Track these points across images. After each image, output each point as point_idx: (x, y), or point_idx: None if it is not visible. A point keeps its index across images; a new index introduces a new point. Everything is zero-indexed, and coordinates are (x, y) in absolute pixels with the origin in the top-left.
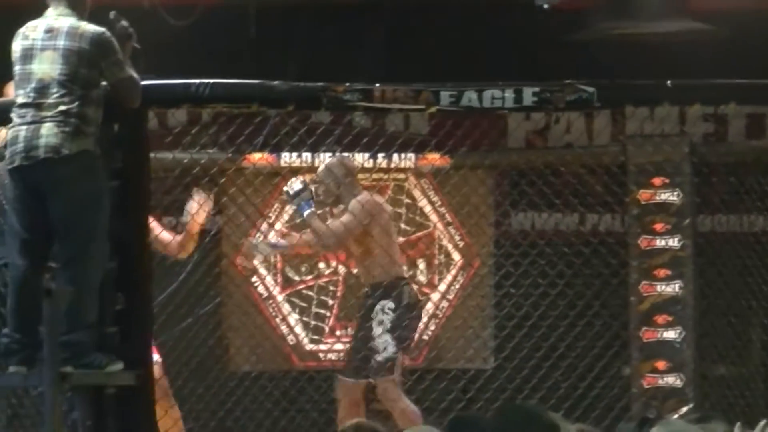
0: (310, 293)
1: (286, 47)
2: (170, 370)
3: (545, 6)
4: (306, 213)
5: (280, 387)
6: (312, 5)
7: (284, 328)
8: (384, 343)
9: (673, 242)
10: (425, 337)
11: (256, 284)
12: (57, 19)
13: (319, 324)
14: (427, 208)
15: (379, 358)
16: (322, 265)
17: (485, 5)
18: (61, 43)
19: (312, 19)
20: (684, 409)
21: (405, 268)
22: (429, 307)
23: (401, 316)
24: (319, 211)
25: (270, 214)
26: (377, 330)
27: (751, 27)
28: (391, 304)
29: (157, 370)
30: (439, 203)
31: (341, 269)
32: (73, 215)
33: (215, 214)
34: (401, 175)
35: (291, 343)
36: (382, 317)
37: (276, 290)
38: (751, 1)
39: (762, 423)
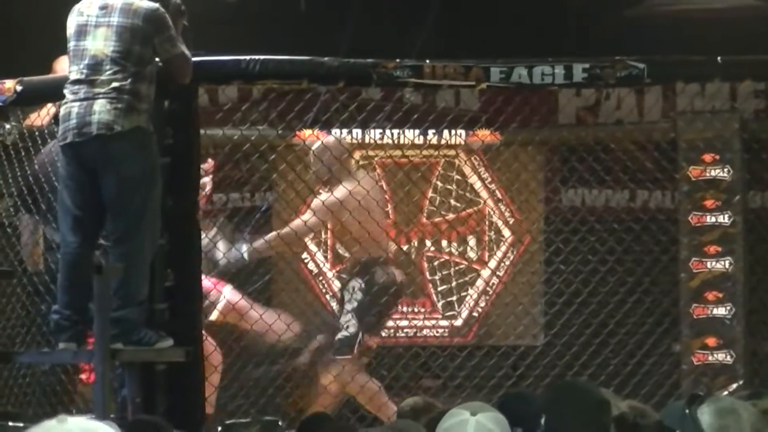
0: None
1: (337, 22)
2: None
3: None
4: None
5: None
6: None
7: (335, 305)
8: (346, 322)
9: (724, 219)
10: (475, 314)
11: (306, 261)
12: None
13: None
14: (478, 185)
15: (339, 336)
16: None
17: None
18: (115, 19)
19: None
20: (734, 386)
21: (388, 247)
22: (479, 283)
23: (369, 296)
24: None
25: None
26: (345, 307)
27: None
28: (361, 284)
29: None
30: (490, 180)
31: (391, 245)
32: (125, 192)
33: (266, 191)
34: (451, 152)
35: None
36: (350, 296)
37: (326, 267)
38: None
39: None
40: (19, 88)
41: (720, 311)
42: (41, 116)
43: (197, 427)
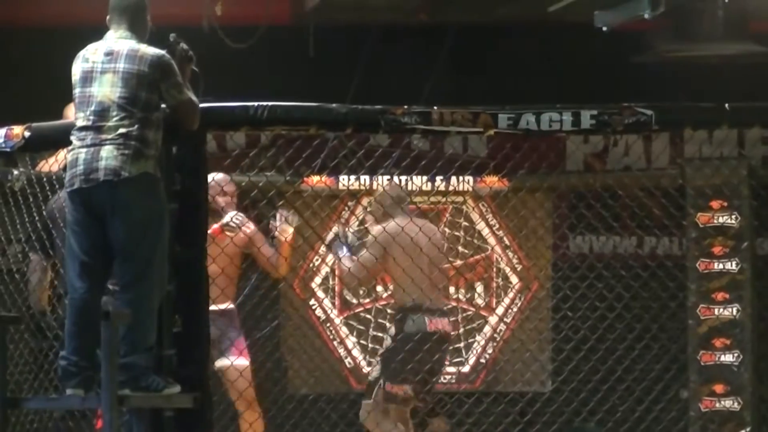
0: (368, 316)
1: (347, 69)
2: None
3: (604, 28)
4: (341, 255)
5: (338, 410)
6: (372, 26)
7: (342, 351)
8: (373, 368)
9: (732, 265)
10: (483, 360)
11: (314, 307)
12: (117, 41)
13: (377, 347)
14: (485, 231)
15: (369, 378)
16: (380, 288)
17: (546, 27)
18: (121, 65)
19: (373, 41)
20: None
21: (425, 295)
22: (487, 330)
23: (395, 344)
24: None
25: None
26: (379, 353)
27: None
28: (392, 331)
29: (245, 377)
30: (497, 226)
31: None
32: (133, 238)
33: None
34: (459, 198)
35: (349, 365)
36: (384, 342)
37: (334, 313)
38: None
39: None
40: (27, 134)
41: (728, 358)
42: (57, 161)
43: None
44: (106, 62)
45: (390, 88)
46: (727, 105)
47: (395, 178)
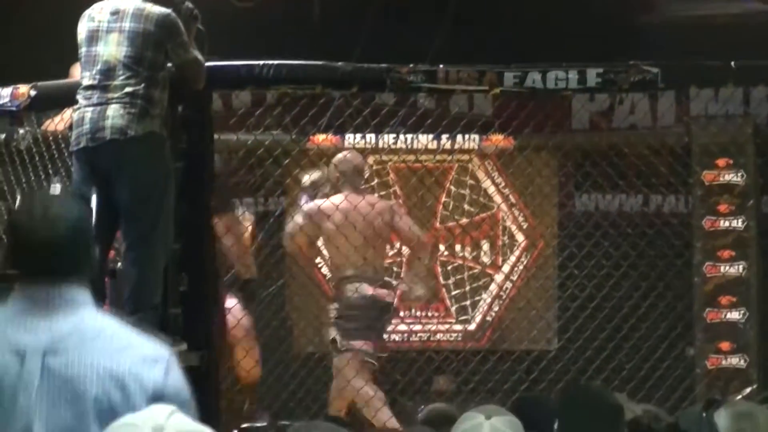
0: None
1: (351, 27)
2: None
3: None
4: (301, 203)
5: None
6: None
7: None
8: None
9: (737, 223)
10: (489, 318)
11: (320, 265)
12: (123, 0)
13: None
14: (491, 190)
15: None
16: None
17: None
18: (127, 24)
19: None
20: (747, 390)
21: (358, 265)
22: (493, 288)
23: (341, 311)
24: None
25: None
26: None
27: None
28: (335, 305)
29: (237, 311)
30: (503, 184)
31: (405, 249)
32: (139, 197)
33: (280, 195)
34: (465, 157)
35: None
36: (331, 313)
37: None
38: None
39: None
40: (33, 93)
41: (734, 315)
42: (63, 119)
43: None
44: (111, 21)
45: (395, 47)
46: (732, 63)
47: (401, 137)
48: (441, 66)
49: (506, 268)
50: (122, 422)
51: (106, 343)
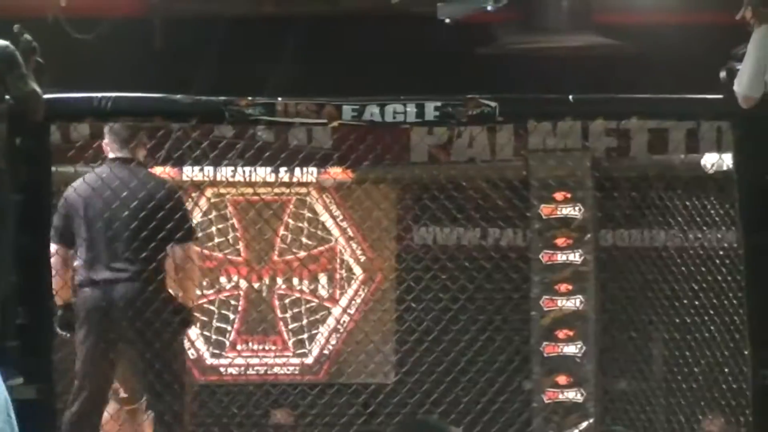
0: (212, 307)
1: (194, 60)
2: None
3: (447, 20)
4: None
5: None
6: (219, 18)
7: (185, 342)
8: None
9: (575, 257)
10: (326, 352)
11: None
12: None
13: (221, 338)
14: (329, 223)
15: None
16: (223, 279)
17: (391, 19)
18: None
19: (219, 33)
20: (584, 425)
21: None
22: (331, 321)
23: None
24: None
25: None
26: None
27: (655, 41)
28: None
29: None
30: (342, 217)
31: (243, 283)
32: None
33: None
34: (303, 190)
35: (192, 357)
36: None
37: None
38: (656, 16)
39: None
40: None
41: (571, 349)
42: None
43: None
44: None
45: (237, 79)
46: (570, 97)
47: (239, 170)
48: (279, 99)
49: (344, 302)
50: None
51: None
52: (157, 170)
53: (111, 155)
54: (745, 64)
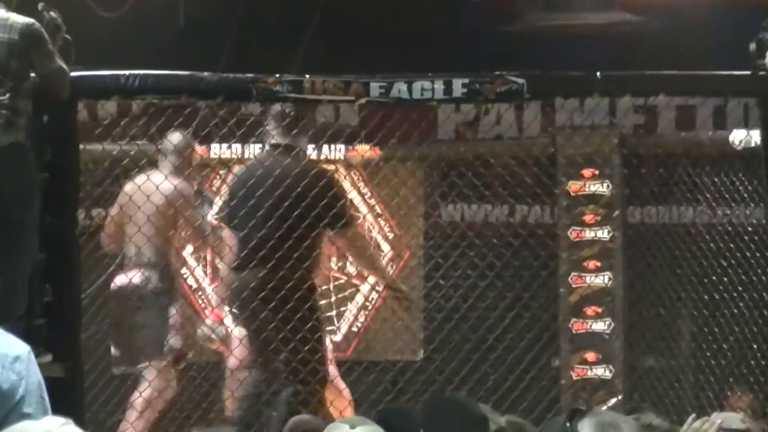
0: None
1: (218, 37)
2: (98, 363)
3: None
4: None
5: (209, 378)
6: None
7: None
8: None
9: (603, 234)
10: (354, 329)
11: (185, 276)
12: None
13: None
14: (357, 200)
15: None
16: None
17: None
18: None
19: (245, 9)
20: (613, 401)
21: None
22: (359, 298)
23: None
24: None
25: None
26: None
27: (680, 18)
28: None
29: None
30: (369, 195)
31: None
32: (4, 207)
33: None
34: (331, 167)
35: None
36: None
37: (206, 282)
38: None
39: (690, 418)
40: None
41: (599, 326)
42: None
43: None
44: None
45: (262, 56)
46: (597, 74)
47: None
48: (307, 76)
49: (372, 279)
50: (16, 428)
51: None
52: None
53: (272, 141)
54: None
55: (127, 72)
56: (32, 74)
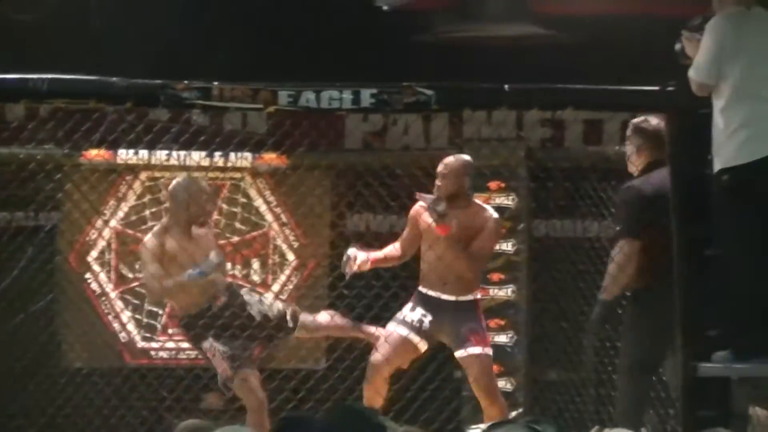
0: (144, 291)
1: (131, 43)
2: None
3: (385, 7)
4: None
5: (111, 384)
6: None
7: (117, 326)
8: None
9: (508, 246)
10: None
11: (89, 281)
12: None
13: (152, 322)
14: (263, 208)
15: None
16: None
17: (329, 4)
18: None
19: (158, 13)
20: (513, 414)
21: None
22: None
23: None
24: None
25: (105, 211)
26: None
27: (594, 32)
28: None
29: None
30: (276, 203)
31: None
32: None
33: (51, 210)
34: (238, 174)
35: (123, 340)
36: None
37: (109, 287)
38: (594, 7)
39: (594, 430)
40: None
41: (502, 338)
42: None
43: None
44: None
45: (174, 61)
46: (506, 86)
47: (174, 153)
48: (215, 83)
49: (276, 287)
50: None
51: None
52: (92, 153)
53: (648, 159)
54: (702, 51)
55: (35, 76)
56: None
